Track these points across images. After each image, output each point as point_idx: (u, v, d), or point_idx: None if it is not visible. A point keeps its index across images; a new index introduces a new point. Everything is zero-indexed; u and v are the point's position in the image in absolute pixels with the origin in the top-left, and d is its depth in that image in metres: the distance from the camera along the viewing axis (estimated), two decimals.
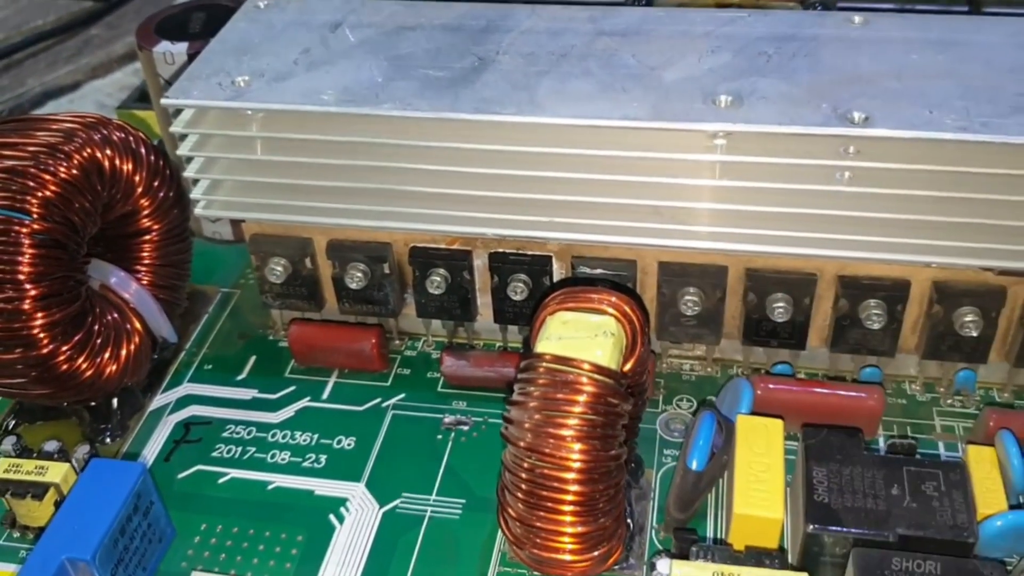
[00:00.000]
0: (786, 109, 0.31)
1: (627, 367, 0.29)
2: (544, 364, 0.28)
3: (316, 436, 0.36)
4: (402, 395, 0.37)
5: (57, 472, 0.33)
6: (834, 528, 0.28)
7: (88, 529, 0.29)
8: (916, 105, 0.31)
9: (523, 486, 0.28)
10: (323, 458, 0.35)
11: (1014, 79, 0.32)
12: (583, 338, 0.29)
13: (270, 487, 0.34)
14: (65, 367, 0.33)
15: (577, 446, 0.27)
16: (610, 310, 0.29)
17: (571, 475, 0.27)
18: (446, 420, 0.36)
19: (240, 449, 0.36)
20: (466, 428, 0.36)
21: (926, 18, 0.36)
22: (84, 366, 0.34)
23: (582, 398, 0.27)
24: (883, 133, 0.30)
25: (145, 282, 0.37)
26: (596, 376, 0.28)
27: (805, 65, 0.33)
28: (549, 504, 0.28)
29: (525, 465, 0.28)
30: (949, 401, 0.36)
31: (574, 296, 0.30)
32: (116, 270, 0.37)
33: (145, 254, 0.37)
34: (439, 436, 0.36)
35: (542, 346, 0.29)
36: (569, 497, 0.28)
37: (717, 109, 0.31)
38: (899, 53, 0.34)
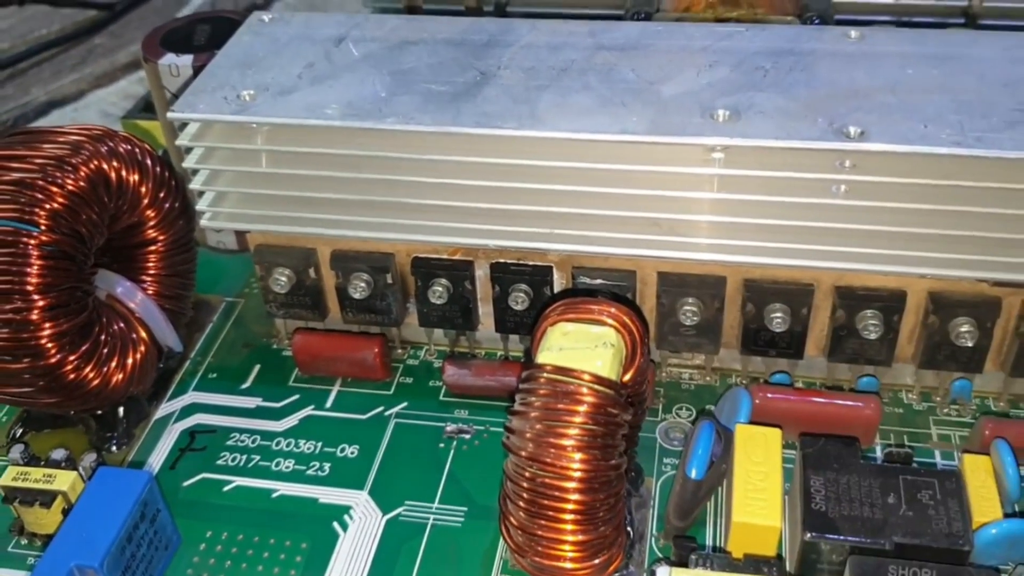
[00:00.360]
0: (783, 123, 0.31)
1: (627, 377, 0.30)
2: (545, 375, 0.28)
3: (320, 444, 0.37)
4: (404, 404, 0.38)
5: (65, 480, 0.33)
6: (831, 536, 0.29)
7: (96, 536, 0.30)
8: (911, 119, 0.31)
9: (524, 495, 0.28)
10: (327, 466, 0.36)
11: (1008, 94, 0.32)
12: (583, 349, 0.29)
13: (274, 495, 0.35)
14: (72, 376, 0.34)
15: (578, 456, 0.28)
16: (610, 321, 0.30)
17: (572, 484, 0.28)
18: (448, 429, 0.37)
19: (245, 457, 0.36)
20: (468, 437, 0.36)
21: (922, 32, 0.37)
22: (91, 375, 0.34)
23: (583, 408, 0.28)
24: (879, 147, 0.30)
25: (151, 292, 0.38)
26: (596, 387, 0.28)
27: (802, 80, 0.34)
28: (550, 513, 0.28)
29: (526, 474, 0.28)
30: (945, 410, 0.36)
31: (574, 307, 0.30)
32: (122, 280, 0.37)
33: (151, 264, 0.38)
34: (441, 444, 0.36)
35: (543, 357, 0.29)
36: (570, 506, 0.28)
37: (715, 123, 0.32)
38: (895, 68, 0.34)
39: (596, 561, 0.29)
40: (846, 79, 0.34)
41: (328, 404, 0.38)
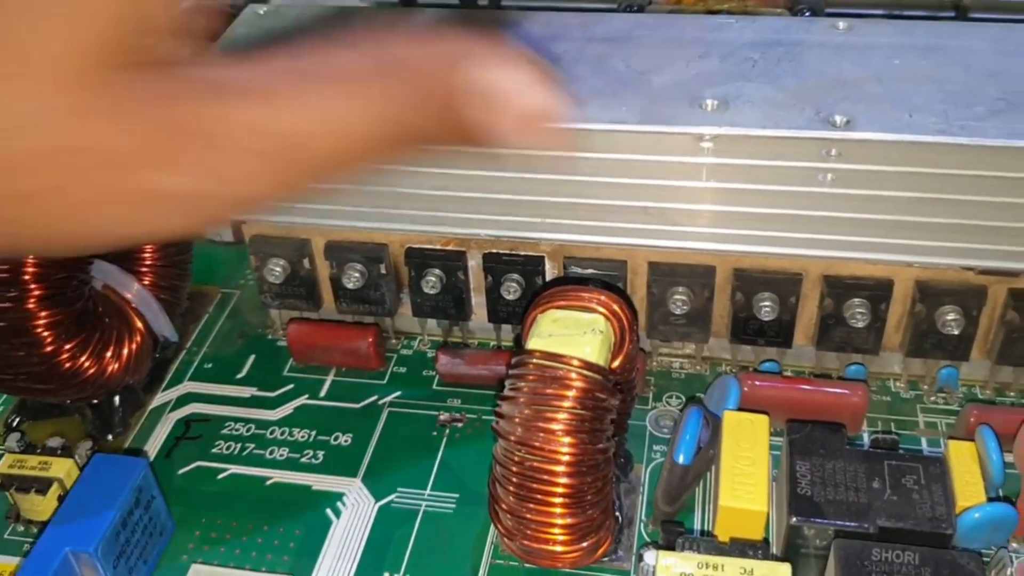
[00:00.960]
0: (770, 112, 0.32)
1: (615, 364, 0.30)
2: (534, 360, 0.29)
3: (314, 433, 0.37)
4: (398, 392, 0.38)
5: (60, 467, 0.33)
6: (816, 520, 0.29)
7: (91, 522, 0.30)
8: (897, 109, 0.31)
9: (514, 479, 0.29)
10: (320, 454, 0.36)
11: (993, 83, 0.32)
12: (572, 335, 0.29)
13: (268, 482, 0.35)
14: (68, 365, 0.34)
15: (566, 440, 0.28)
16: (599, 308, 0.30)
17: (560, 468, 0.28)
18: (441, 417, 0.37)
19: (239, 446, 0.37)
20: (460, 425, 0.37)
21: (910, 24, 0.37)
22: (87, 364, 0.35)
23: (571, 393, 0.28)
24: (864, 136, 0.30)
25: (146, 282, 0.38)
26: (585, 372, 0.28)
27: (790, 70, 0.34)
28: (539, 496, 0.28)
29: (515, 458, 0.29)
30: (932, 398, 0.36)
31: (564, 295, 0.30)
32: (118, 271, 0.37)
33: (146, 255, 0.38)
34: (434, 432, 0.37)
35: (533, 343, 0.29)
36: (558, 489, 0.28)
37: (704, 113, 0.32)
38: (882, 58, 0.34)
39: (584, 544, 0.29)
40: (834, 69, 0.34)
41: (322, 393, 0.39)
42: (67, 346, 0.34)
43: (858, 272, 0.34)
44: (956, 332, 0.34)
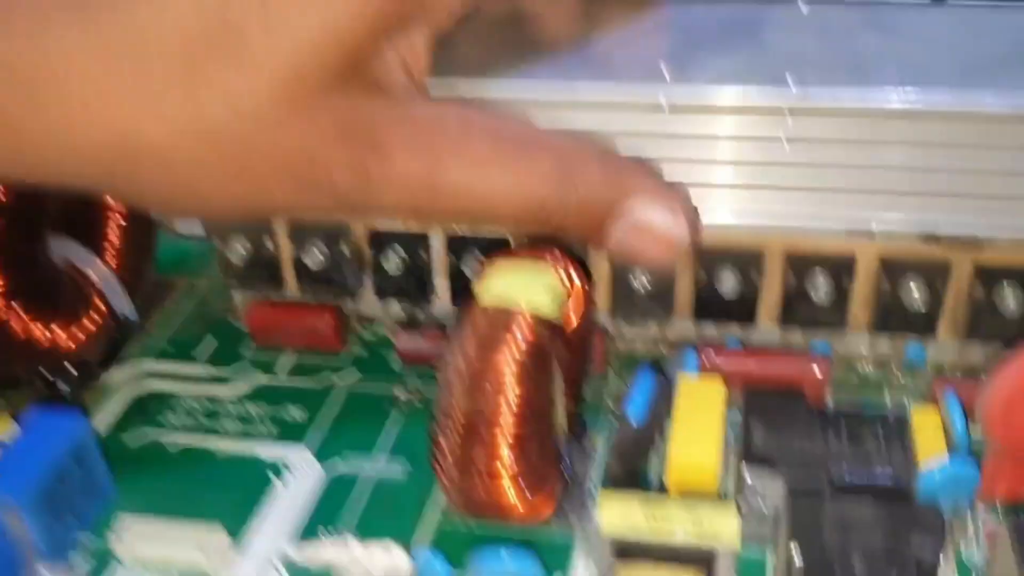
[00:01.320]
0: (727, 82, 0.32)
1: (567, 319, 0.30)
2: (482, 309, 0.28)
3: (269, 410, 0.36)
4: (357, 374, 0.38)
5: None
6: (770, 475, 0.28)
7: (22, 476, 0.29)
8: (855, 79, 0.31)
9: (460, 429, 0.28)
10: (275, 430, 0.35)
11: (951, 56, 0.33)
12: (522, 285, 0.29)
13: (219, 456, 0.34)
14: (22, 336, 0.34)
15: (513, 389, 0.27)
16: (550, 260, 0.30)
17: (508, 416, 0.27)
18: (398, 395, 0.36)
19: (193, 421, 0.36)
20: (418, 403, 0.36)
21: (876, 7, 0.37)
22: (42, 336, 0.35)
23: (518, 340, 0.28)
24: (818, 104, 0.30)
25: (109, 261, 0.38)
26: (532, 321, 0.28)
27: (750, 45, 0.34)
28: (484, 445, 0.28)
29: (460, 407, 0.28)
30: (901, 379, 0.36)
31: (519, 249, 0.30)
32: (80, 247, 0.37)
33: (110, 232, 0.38)
34: (391, 411, 0.36)
35: (481, 293, 0.29)
36: (506, 439, 0.27)
37: (663, 84, 0.32)
38: (843, 37, 0.35)
39: (531, 498, 0.28)
40: (796, 47, 0.34)
41: (280, 373, 0.38)
42: (23, 316, 0.34)
43: (820, 248, 0.34)
44: (921, 307, 0.33)
